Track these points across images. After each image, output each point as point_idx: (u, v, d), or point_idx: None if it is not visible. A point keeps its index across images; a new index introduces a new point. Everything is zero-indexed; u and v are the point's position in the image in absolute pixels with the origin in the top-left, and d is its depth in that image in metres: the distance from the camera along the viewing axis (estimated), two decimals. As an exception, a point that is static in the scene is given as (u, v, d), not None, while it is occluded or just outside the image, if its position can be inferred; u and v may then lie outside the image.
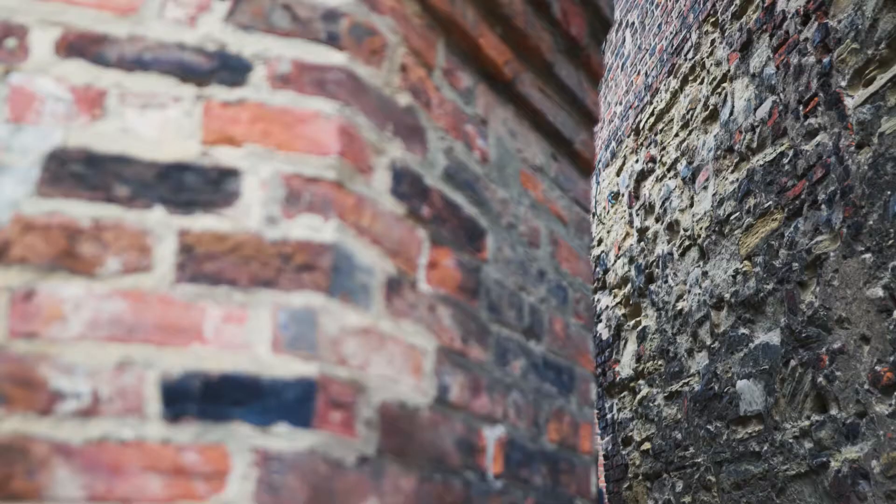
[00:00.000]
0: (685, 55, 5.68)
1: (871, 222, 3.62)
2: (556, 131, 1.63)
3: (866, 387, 3.63)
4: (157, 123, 1.06)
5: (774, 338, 4.41)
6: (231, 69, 1.09)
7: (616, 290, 6.89)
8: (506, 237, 1.44)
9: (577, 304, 1.63)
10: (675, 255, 5.70)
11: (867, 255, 3.64)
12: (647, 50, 6.40)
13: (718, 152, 5.09)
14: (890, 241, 3.48)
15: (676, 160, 5.74)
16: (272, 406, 0.97)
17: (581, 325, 1.63)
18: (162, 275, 1.00)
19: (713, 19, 5.34)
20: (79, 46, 1.06)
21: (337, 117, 1.10)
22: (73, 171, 1.01)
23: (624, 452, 6.61)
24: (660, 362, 5.92)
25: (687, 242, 5.51)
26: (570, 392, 1.54)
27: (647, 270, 6.23)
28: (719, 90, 5.15)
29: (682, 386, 5.53)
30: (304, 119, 1.09)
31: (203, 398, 0.96)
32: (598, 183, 7.46)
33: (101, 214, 1.00)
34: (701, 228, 5.29)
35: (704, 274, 5.23)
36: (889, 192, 3.50)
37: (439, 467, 1.17)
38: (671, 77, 5.88)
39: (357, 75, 1.14)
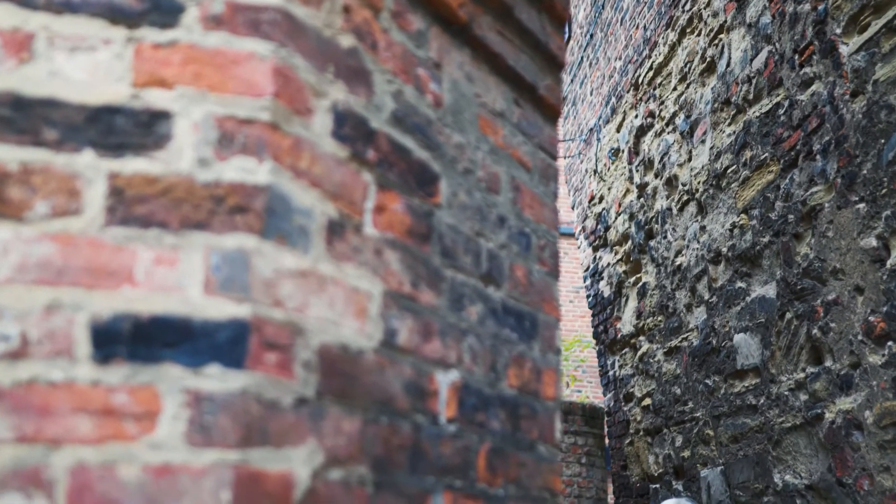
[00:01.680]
0: (683, 7, 5.60)
1: (865, 171, 3.58)
2: (518, 76, 1.61)
3: (860, 337, 3.62)
4: (86, 66, 1.05)
5: (770, 291, 4.40)
6: (162, 11, 1.07)
7: (617, 247, 6.87)
8: (462, 182, 1.43)
9: (541, 250, 1.62)
10: (674, 211, 5.67)
11: (861, 205, 3.61)
12: (646, 3, 6.31)
13: (716, 105, 5.04)
14: (883, 191, 3.45)
15: (675, 114, 5.68)
16: (204, 347, 0.97)
17: (545, 271, 1.62)
18: (91, 218, 1.00)
19: (710, -30, 5.26)
20: (6, -11, 1.04)
21: (272, 58, 1.09)
22: (1, 115, 1.00)
23: (626, 409, 6.64)
24: (659, 318, 5.92)
25: (685, 197, 5.48)
26: (531, 338, 1.54)
27: (646, 226, 6.20)
28: (716, 42, 5.08)
29: (680, 341, 5.53)
30: (237, 60, 1.08)
31: (133, 340, 0.96)
32: (598, 140, 7.41)
33: (29, 158, 1.00)
34: (699, 183, 5.25)
35: (702, 228, 5.21)
36: (883, 141, 3.46)
37: (386, 410, 1.17)
38: (669, 30, 5.81)
39: (294, 16, 1.13)
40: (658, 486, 5.93)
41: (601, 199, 7.35)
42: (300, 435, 1.02)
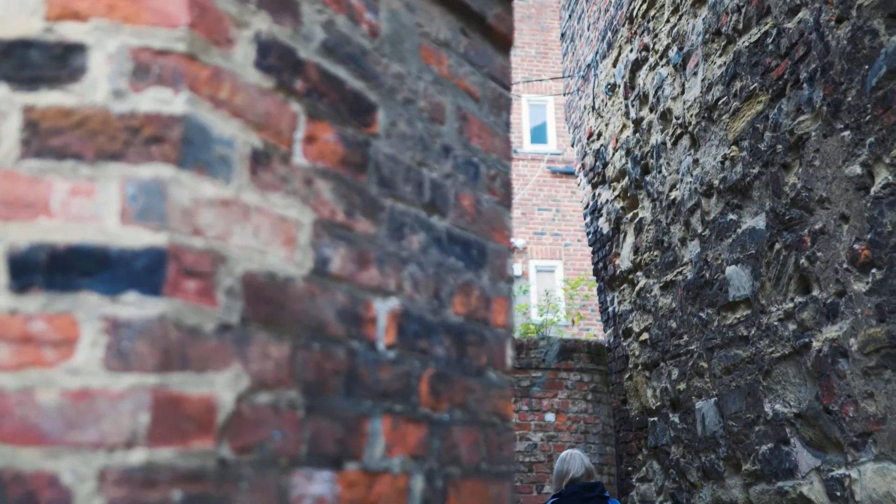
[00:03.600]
0: (675, -64, 5.50)
1: (849, 99, 3.55)
2: (464, 5, 1.60)
3: (845, 266, 3.62)
4: None
5: (760, 222, 4.39)
6: (74, -58, 1.07)
7: (615, 184, 6.85)
8: (402, 112, 1.43)
9: (491, 180, 1.63)
10: (668, 145, 5.64)
11: (846, 133, 3.58)
12: (639, -67, 6.20)
13: (707, 36, 4.98)
14: (867, 117, 3.42)
15: (668, 47, 5.62)
16: (121, 275, 0.99)
17: (496, 200, 1.63)
18: (7, 151, 1.01)
19: None
20: (-85, -75, 1.05)
21: (187, -12, 1.08)
22: (-86, 51, 1.01)
23: (624, 344, 6.68)
24: (655, 253, 5.93)
25: (679, 131, 5.44)
26: (480, 267, 1.55)
27: (642, 161, 6.18)
28: (707, -29, 5.00)
29: (676, 275, 5.55)
30: (152, -9, 1.08)
31: (50, 270, 0.98)
32: (595, 76, 7.34)
33: (-57, 93, 1.01)
34: (691, 115, 5.21)
35: (695, 162, 5.18)
36: (867, 67, 3.42)
37: (318, 336, 1.19)
38: (662, -40, 5.72)
39: (210, -55, 1.12)
40: (656, 419, 6.00)
41: (599, 135, 7.31)
42: (223, 360, 1.05)
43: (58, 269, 0.98)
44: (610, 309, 7.07)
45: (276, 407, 1.11)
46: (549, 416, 8.32)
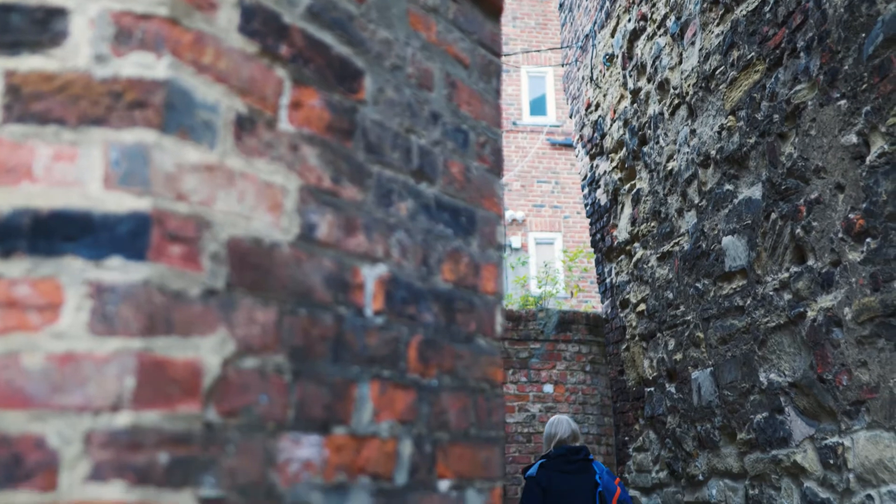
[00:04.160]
0: None
1: (846, 67, 3.53)
2: (452, -30, 1.59)
3: (840, 235, 3.62)
4: (-20, -35, 1.04)
5: (757, 192, 4.39)
6: None
7: (612, 155, 6.83)
8: (389, 79, 1.42)
9: (480, 147, 1.63)
10: (666, 115, 5.62)
11: (842, 102, 3.57)
12: None
13: (705, 4, 4.95)
14: (864, 86, 3.41)
15: (666, 16, 5.58)
16: (105, 240, 0.99)
17: (485, 168, 1.63)
18: (-11, 116, 1.01)
19: None
20: None
21: (170, -48, 1.08)
22: None
23: (622, 315, 6.70)
24: (653, 224, 5.93)
25: (676, 101, 5.42)
26: (469, 234, 1.55)
27: (640, 132, 6.16)
28: (705, -61, 4.96)
29: (672, 246, 5.55)
30: (133, -45, 1.07)
31: (34, 234, 0.98)
32: (594, 46, 7.30)
33: (-76, 58, 1.01)
34: (689, 85, 5.19)
35: (692, 132, 5.17)
36: (864, 35, 3.40)
37: (304, 302, 1.20)
38: (660, -72, 5.67)
39: None
40: (652, 389, 6.03)
41: (597, 106, 7.28)
42: (209, 324, 1.05)
43: (41, 234, 0.98)
44: (608, 280, 7.08)
45: (262, 371, 1.12)
46: (548, 388, 8.36)
